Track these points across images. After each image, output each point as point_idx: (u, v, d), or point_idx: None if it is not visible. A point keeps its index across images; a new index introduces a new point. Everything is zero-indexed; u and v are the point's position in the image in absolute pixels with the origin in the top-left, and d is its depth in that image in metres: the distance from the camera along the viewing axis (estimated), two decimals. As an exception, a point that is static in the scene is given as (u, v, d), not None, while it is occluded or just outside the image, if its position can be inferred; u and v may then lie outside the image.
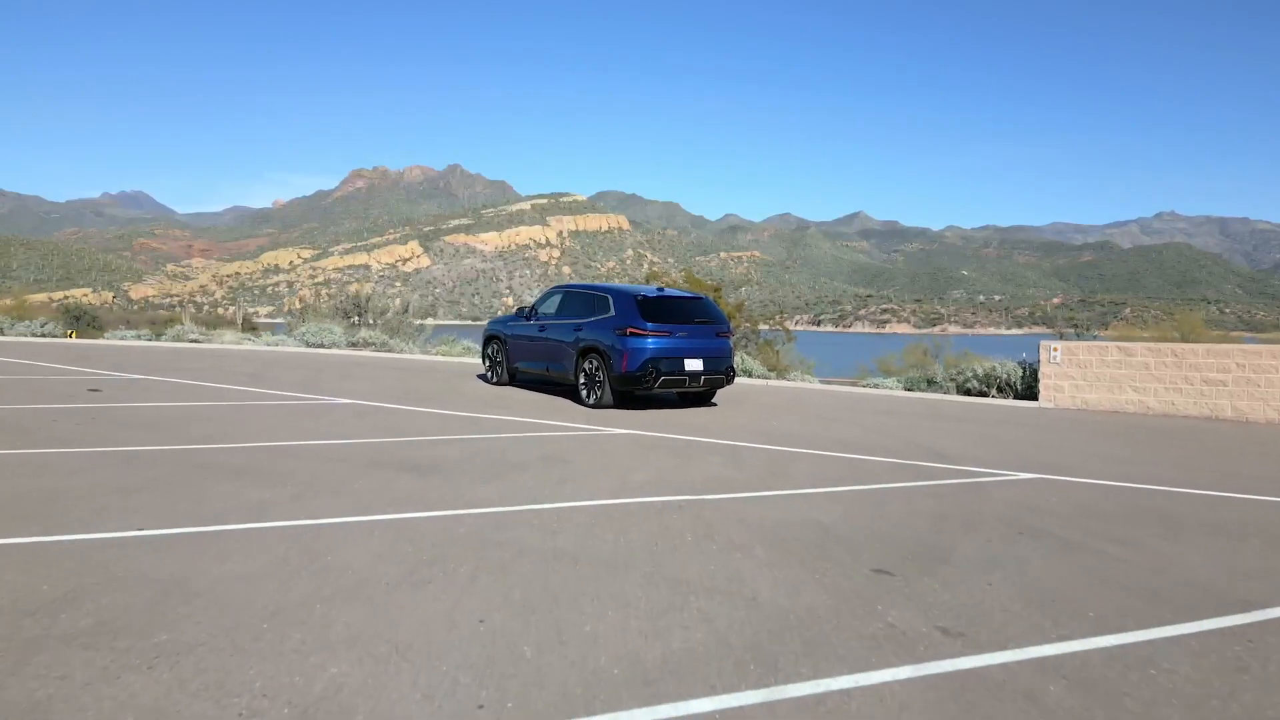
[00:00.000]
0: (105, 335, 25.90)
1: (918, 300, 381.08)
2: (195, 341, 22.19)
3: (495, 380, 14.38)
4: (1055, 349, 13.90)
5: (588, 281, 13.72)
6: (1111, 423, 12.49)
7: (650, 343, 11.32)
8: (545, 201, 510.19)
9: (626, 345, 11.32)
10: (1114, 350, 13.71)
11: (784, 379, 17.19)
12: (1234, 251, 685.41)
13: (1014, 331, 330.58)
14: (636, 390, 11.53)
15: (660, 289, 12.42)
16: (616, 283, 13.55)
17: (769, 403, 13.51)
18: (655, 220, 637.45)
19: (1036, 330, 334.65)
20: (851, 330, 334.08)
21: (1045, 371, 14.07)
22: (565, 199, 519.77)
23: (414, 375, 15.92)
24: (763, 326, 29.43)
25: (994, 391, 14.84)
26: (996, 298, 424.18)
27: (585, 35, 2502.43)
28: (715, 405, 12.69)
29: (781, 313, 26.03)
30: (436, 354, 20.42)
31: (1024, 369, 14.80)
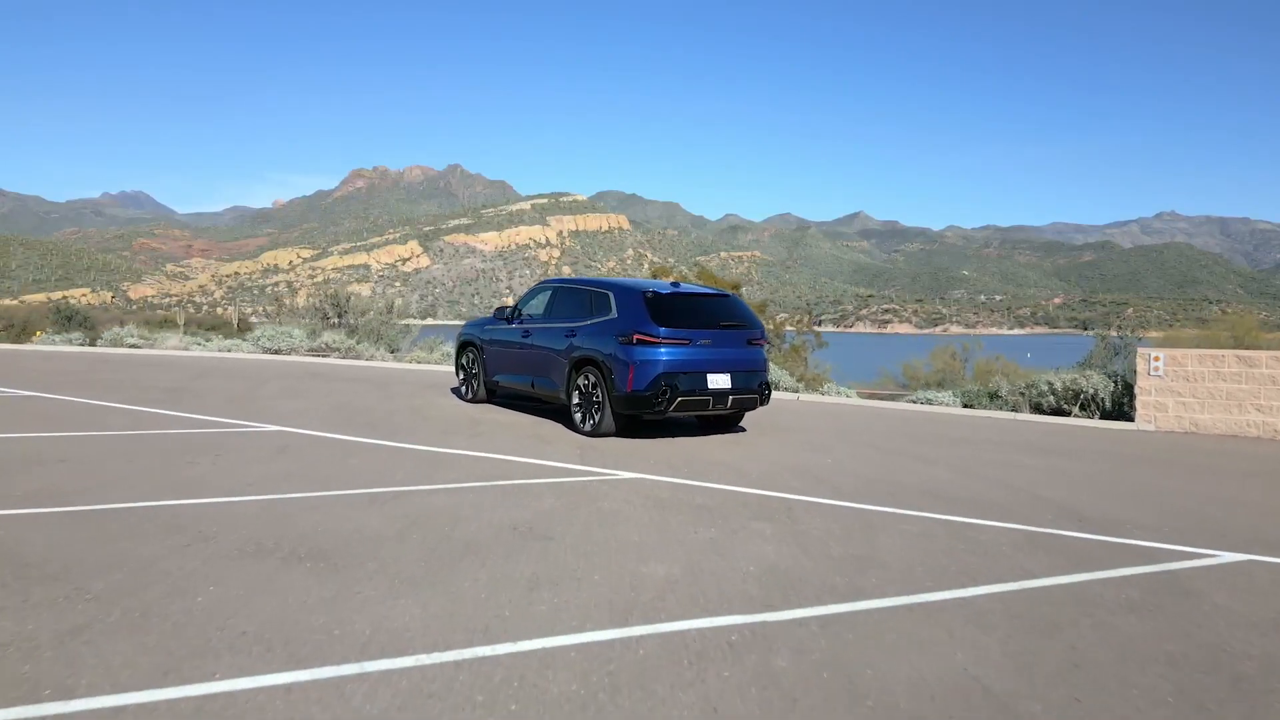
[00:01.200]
0: (35, 339, 22.66)
1: (919, 300, 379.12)
2: (134, 346, 19.14)
3: (470, 396, 11.67)
4: (1156, 358, 11.26)
5: (579, 277, 10.96)
6: (1251, 454, 9.77)
7: (664, 353, 8.69)
8: (545, 201, 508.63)
9: (633, 356, 8.68)
10: (1232, 360, 11.10)
11: (817, 392, 14.60)
12: (1234, 251, 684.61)
13: (1016, 331, 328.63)
14: (645, 414, 8.88)
15: (675, 284, 9.82)
16: (619, 277, 10.90)
17: (809, 425, 10.89)
18: (655, 220, 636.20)
19: (1039, 330, 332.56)
20: (853, 330, 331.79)
21: (1144, 386, 11.43)
22: (565, 199, 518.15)
23: (375, 389, 13.23)
24: (789, 328, 25.75)
25: (1075, 409, 12.24)
26: (997, 297, 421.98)
27: (585, 35, 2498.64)
28: (743, 430, 10.11)
29: (810, 314, 23.15)
30: (410, 361, 17.70)
31: (1115, 382, 12.18)
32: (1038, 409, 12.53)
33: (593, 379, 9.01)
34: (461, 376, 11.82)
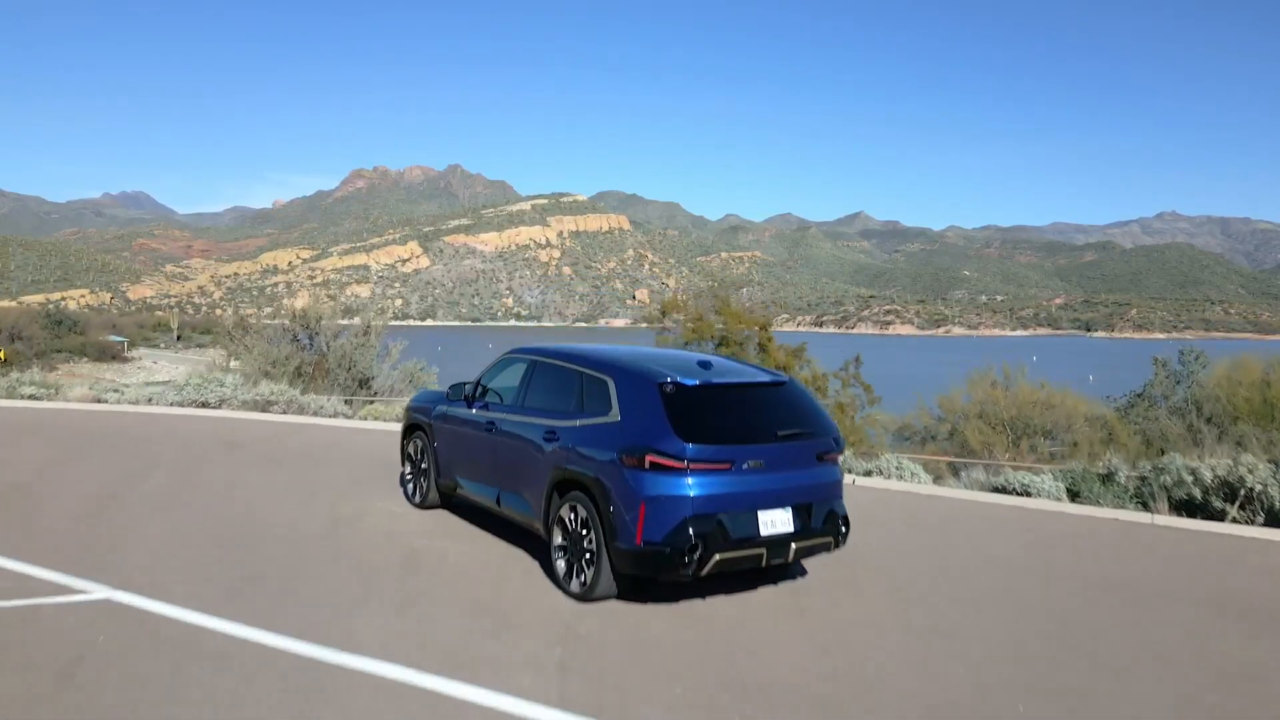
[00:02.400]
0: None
1: (920, 301, 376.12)
2: (32, 398, 15.57)
3: (418, 500, 8.47)
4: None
5: (569, 345, 7.28)
6: None
7: (693, 485, 5.53)
8: (545, 202, 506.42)
9: (644, 489, 5.54)
10: None
11: (868, 457, 11.41)
12: (1235, 251, 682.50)
13: (1019, 333, 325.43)
14: (663, 577, 5.75)
15: (704, 361, 6.70)
16: (618, 346, 7.58)
17: (889, 550, 7.55)
18: (656, 220, 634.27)
19: (1041, 331, 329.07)
20: (855, 332, 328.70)
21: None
22: (566, 199, 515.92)
23: (302, 475, 9.79)
24: (833, 378, 20.70)
25: (1233, 509, 9.21)
26: (999, 298, 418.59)
27: (586, 35, 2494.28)
28: (804, 574, 6.83)
29: (857, 361, 19.86)
30: (365, 416, 14.55)
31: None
32: (1177, 507, 9.48)
33: (583, 514, 5.92)
34: (408, 469, 8.62)
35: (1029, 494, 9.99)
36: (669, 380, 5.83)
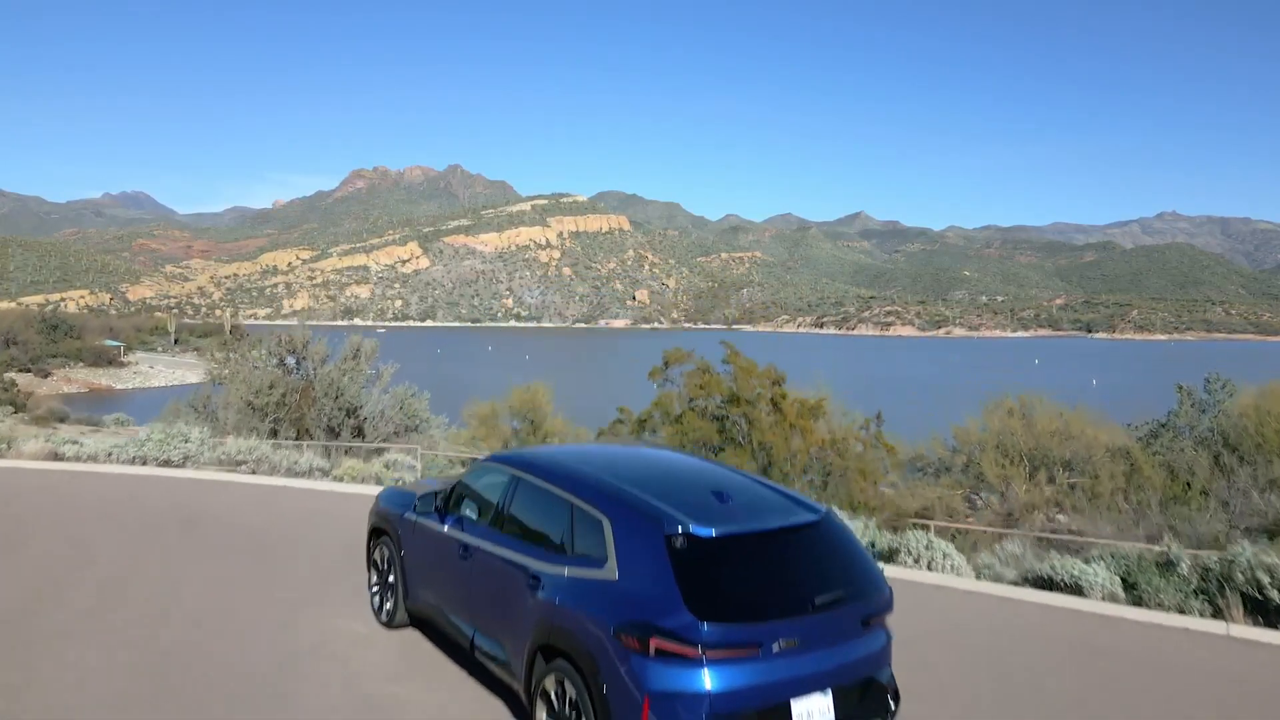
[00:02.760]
0: None
1: (921, 302, 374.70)
2: None
3: (385, 619, 7.33)
4: None
5: (561, 457, 6.06)
6: None
7: (713, 679, 4.42)
8: (545, 202, 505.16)
9: (648, 682, 4.37)
10: None
11: (898, 543, 10.17)
12: (1235, 251, 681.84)
13: (1019, 334, 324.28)
14: None
15: (719, 484, 5.52)
16: (617, 450, 6.29)
17: (936, 694, 6.33)
18: (656, 220, 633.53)
19: (1042, 332, 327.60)
20: (855, 333, 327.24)
21: None
22: (566, 199, 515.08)
23: (257, 573, 8.24)
24: (856, 442, 17.08)
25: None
26: (999, 298, 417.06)
27: (586, 35, 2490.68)
28: None
29: (879, 419, 18.33)
30: (343, 476, 13.08)
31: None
32: (1259, 607, 8.36)
33: (572, 694, 4.79)
34: (374, 580, 7.46)
35: (1080, 589, 8.88)
36: (679, 531, 4.69)
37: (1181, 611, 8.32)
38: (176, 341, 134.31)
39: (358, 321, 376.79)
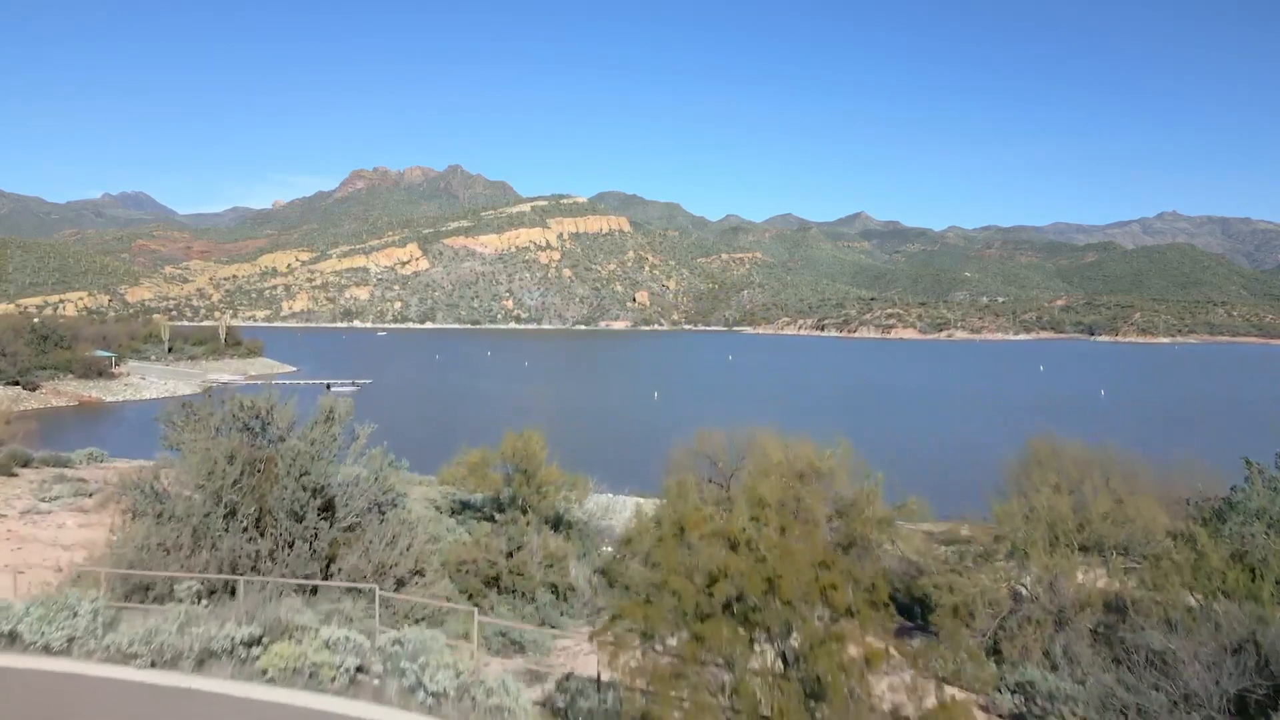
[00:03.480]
0: None
1: (922, 303, 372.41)
2: None
3: None
4: None
5: None
6: None
7: None
8: (545, 203, 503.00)
9: None
10: None
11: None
12: (1236, 252, 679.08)
13: (1021, 336, 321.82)
14: None
15: None
16: None
17: None
18: (656, 221, 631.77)
19: (1044, 335, 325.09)
20: (857, 336, 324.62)
21: None
22: (565, 200, 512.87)
23: None
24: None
25: None
26: (1000, 299, 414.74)
27: (586, 35, 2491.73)
28: None
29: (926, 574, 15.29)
30: (268, 668, 10.37)
31: None
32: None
33: None
34: None
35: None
36: None
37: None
38: (170, 350, 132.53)
39: (357, 324, 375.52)
